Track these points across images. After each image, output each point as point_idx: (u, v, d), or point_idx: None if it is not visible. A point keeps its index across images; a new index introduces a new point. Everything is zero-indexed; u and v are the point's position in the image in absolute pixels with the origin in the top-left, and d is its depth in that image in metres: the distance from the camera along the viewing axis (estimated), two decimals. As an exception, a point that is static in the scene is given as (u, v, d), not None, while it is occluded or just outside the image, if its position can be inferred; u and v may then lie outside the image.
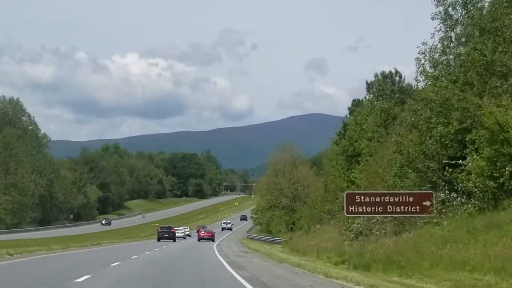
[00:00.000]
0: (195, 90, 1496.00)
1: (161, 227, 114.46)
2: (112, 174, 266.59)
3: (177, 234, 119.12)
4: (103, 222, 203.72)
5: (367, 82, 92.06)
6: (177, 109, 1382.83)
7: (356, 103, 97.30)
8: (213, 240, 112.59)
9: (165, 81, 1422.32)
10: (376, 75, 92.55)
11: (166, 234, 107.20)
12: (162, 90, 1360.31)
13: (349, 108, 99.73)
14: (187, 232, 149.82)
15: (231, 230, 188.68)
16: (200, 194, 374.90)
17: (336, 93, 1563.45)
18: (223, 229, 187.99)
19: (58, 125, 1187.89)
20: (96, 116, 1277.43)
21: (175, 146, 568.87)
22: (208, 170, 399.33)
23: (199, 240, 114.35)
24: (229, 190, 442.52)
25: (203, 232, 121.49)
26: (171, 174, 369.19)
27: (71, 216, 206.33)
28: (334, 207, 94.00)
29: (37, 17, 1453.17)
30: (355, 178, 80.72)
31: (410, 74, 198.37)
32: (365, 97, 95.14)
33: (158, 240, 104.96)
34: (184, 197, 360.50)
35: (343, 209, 47.18)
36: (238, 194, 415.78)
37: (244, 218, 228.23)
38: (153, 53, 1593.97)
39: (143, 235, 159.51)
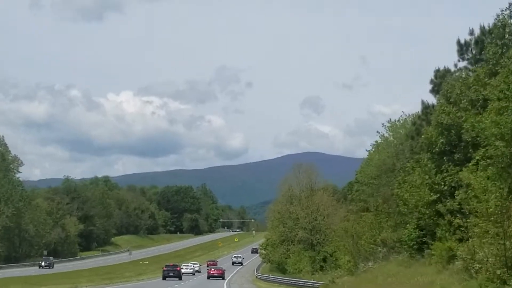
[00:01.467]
0: (190, 128, 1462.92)
1: (166, 266, 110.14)
2: (98, 206, 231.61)
3: (184, 270, 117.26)
4: (42, 264, 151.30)
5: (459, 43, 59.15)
6: (172, 147, 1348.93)
7: (443, 74, 63.60)
8: (223, 278, 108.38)
9: (160, 119, 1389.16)
10: (471, 32, 59.28)
11: (171, 272, 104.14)
12: (157, 128, 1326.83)
13: (433, 82, 66.05)
14: (197, 268, 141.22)
15: (242, 264, 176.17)
16: (195, 230, 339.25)
17: (332, 132, 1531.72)
18: (233, 263, 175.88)
19: (52, 163, 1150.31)
20: (91, 154, 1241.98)
21: (170, 184, 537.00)
22: (204, 205, 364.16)
23: (208, 278, 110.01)
24: (226, 227, 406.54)
25: (213, 270, 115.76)
26: (165, 209, 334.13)
27: (45, 253, 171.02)
28: (400, 234, 67.66)
29: (32, 54, 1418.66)
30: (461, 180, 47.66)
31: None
32: (455, 66, 61.86)
33: (163, 278, 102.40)
34: (178, 233, 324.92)
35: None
36: (233, 231, 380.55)
37: (255, 251, 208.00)
38: (147, 91, 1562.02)
39: (127, 275, 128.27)
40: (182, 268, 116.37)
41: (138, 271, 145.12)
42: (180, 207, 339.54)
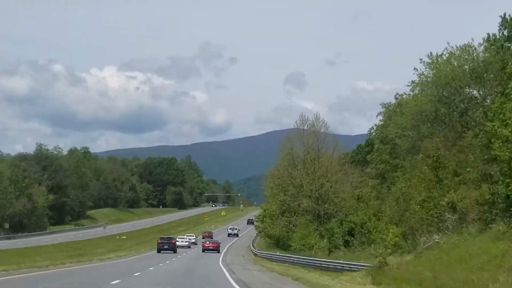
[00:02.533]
0: (173, 104, 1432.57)
1: (161, 238, 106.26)
2: (72, 175, 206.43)
3: (179, 243, 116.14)
4: None
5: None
6: (156, 123, 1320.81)
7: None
8: (219, 251, 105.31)
9: (144, 95, 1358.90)
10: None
11: (166, 245, 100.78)
12: (140, 103, 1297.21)
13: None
14: (193, 240, 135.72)
15: (238, 236, 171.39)
16: (179, 204, 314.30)
17: (315, 108, 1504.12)
18: (229, 235, 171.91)
19: (34, 139, 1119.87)
20: (74, 130, 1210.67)
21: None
22: (188, 178, 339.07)
23: (203, 251, 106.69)
24: (211, 202, 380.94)
25: (207, 243, 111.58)
26: (147, 181, 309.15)
27: (7, 225, 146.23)
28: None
29: (14, 29, 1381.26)
30: None
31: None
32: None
33: (158, 251, 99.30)
34: (161, 206, 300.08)
35: None
36: (217, 206, 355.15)
37: (251, 222, 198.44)
38: (131, 66, 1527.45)
39: (99, 251, 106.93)
40: (177, 241, 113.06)
41: (112, 247, 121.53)
42: (163, 180, 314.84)
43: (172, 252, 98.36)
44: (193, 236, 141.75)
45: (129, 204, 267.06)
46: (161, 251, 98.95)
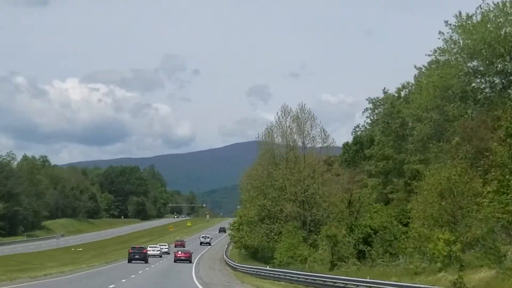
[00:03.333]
0: (136, 116, 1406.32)
1: (132, 248, 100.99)
2: (25, 182, 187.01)
3: (151, 252, 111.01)
4: None
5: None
6: (119, 135, 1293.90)
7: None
8: (191, 261, 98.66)
9: (106, 107, 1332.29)
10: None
11: (137, 255, 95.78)
12: (103, 116, 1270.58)
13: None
14: (165, 249, 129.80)
15: (210, 244, 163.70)
16: (142, 214, 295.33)
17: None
18: (201, 243, 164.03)
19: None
20: (36, 142, 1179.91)
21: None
22: (152, 188, 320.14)
23: (175, 261, 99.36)
24: (175, 213, 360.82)
25: (179, 252, 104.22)
26: (108, 191, 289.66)
27: None
28: None
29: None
30: None
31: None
32: None
33: (129, 261, 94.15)
34: (122, 217, 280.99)
35: None
36: (179, 217, 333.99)
37: (222, 230, 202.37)
38: (93, 78, 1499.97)
39: (50, 265, 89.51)
40: (148, 250, 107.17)
41: (66, 260, 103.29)
42: (125, 190, 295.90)
43: (143, 262, 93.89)
44: (165, 245, 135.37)
45: (89, 215, 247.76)
46: (132, 261, 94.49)
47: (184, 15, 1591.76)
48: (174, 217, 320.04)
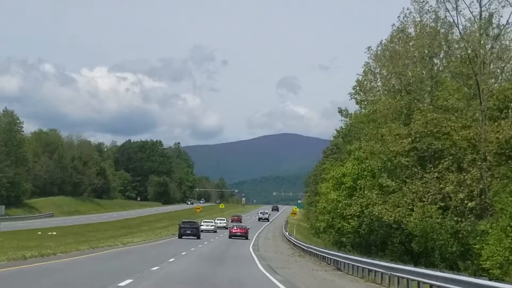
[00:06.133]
0: (164, 106, 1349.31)
1: (183, 222, 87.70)
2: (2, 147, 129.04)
3: (204, 227, 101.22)
4: None
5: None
6: (146, 125, 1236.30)
7: None
8: (247, 238, 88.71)
9: (134, 96, 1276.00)
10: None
11: (189, 230, 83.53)
12: (131, 105, 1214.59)
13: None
14: (224, 224, 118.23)
15: (268, 220, 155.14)
16: (164, 198, 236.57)
17: (308, 114, 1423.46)
18: (260, 219, 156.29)
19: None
20: (63, 131, 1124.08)
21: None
22: (177, 168, 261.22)
23: (230, 237, 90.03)
24: (203, 199, 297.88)
25: (235, 228, 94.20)
26: (124, 169, 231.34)
27: None
28: None
29: (4, 27, 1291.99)
30: None
31: None
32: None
33: (179, 237, 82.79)
34: (139, 199, 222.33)
35: None
36: (192, 203, 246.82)
37: (275, 208, 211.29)
38: (122, 68, 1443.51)
39: None
40: (201, 225, 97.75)
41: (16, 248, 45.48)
42: (145, 168, 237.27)
43: (196, 238, 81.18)
44: (223, 219, 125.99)
45: (97, 194, 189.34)
46: (183, 237, 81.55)
47: (214, 5, 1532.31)
48: (188, 203, 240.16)
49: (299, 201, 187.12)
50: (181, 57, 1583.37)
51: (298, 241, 67.12)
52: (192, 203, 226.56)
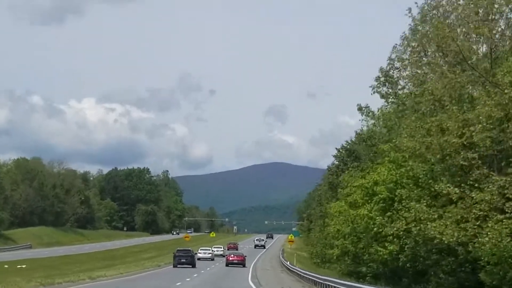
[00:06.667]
0: (153, 136, 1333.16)
1: (178, 250, 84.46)
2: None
3: (201, 255, 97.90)
4: None
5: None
6: (135, 156, 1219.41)
7: None
8: (244, 265, 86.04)
9: (122, 127, 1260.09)
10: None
11: (184, 258, 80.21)
12: (119, 136, 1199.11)
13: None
14: (220, 252, 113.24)
15: (265, 247, 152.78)
16: (153, 227, 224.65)
17: (296, 142, 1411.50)
18: (256, 246, 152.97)
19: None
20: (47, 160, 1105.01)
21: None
22: (165, 197, 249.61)
23: (227, 265, 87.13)
24: (191, 229, 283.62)
25: (232, 256, 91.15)
26: (110, 198, 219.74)
27: None
28: None
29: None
30: None
31: None
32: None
33: (174, 266, 79.70)
34: (125, 228, 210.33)
35: None
36: (177, 233, 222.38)
37: (270, 236, 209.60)
38: (109, 98, 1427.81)
39: None
40: (198, 253, 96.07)
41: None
42: (132, 197, 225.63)
43: (191, 266, 78.42)
44: (220, 247, 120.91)
45: (80, 224, 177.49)
46: (178, 266, 78.76)
47: (200, 34, 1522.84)
48: (173, 233, 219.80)
49: (294, 229, 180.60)
50: (168, 87, 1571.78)
51: (308, 272, 55.95)
52: (178, 233, 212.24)
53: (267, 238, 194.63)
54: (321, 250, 74.49)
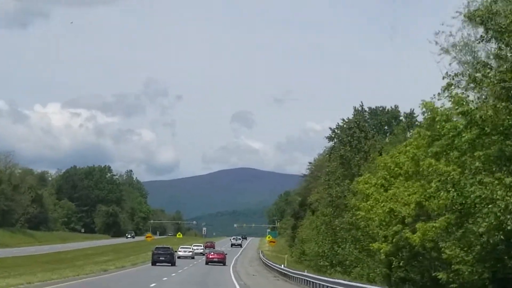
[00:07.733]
0: (118, 141, 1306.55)
1: (156, 248, 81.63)
2: None
3: (181, 254, 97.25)
4: None
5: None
6: (101, 161, 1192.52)
7: None
8: (225, 264, 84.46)
9: (88, 132, 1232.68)
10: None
11: (162, 256, 78.30)
12: (84, 141, 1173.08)
13: None
14: (200, 250, 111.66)
15: (241, 246, 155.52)
16: (114, 229, 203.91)
17: (263, 148, 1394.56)
18: (232, 245, 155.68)
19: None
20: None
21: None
22: (128, 198, 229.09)
23: (207, 263, 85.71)
24: (158, 232, 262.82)
25: (212, 253, 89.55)
26: (68, 198, 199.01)
27: None
28: None
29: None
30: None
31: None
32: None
33: (153, 264, 77.84)
34: (82, 230, 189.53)
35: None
36: (132, 236, 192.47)
37: (244, 237, 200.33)
38: (75, 104, 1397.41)
39: None
40: (179, 251, 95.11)
41: None
42: (92, 197, 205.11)
43: (170, 265, 76.42)
44: (200, 246, 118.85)
45: (32, 225, 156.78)
46: (157, 264, 76.82)
47: (167, 40, 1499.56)
48: (127, 237, 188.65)
49: (268, 231, 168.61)
50: (135, 92, 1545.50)
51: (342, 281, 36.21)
52: (133, 237, 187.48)
53: (242, 239, 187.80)
54: (330, 248, 54.91)
